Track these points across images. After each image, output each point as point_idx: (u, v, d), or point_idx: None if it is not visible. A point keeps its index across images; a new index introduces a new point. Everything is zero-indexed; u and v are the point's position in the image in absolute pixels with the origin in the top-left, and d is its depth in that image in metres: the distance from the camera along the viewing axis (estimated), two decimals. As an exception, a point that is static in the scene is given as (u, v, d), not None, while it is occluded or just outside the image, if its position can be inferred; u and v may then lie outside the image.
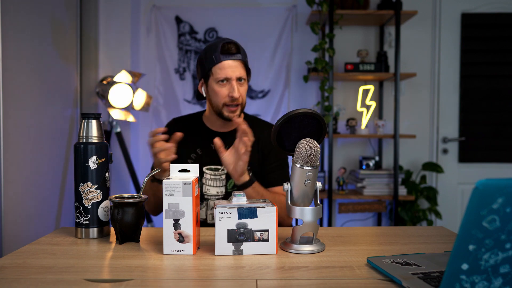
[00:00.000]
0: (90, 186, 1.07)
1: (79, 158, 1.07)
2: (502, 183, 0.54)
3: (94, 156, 1.06)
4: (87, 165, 1.06)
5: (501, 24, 3.08)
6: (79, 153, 1.07)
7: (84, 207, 1.07)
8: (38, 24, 2.19)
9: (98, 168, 1.07)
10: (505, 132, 3.10)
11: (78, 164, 1.07)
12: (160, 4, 3.09)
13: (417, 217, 2.88)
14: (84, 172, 1.06)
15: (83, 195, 1.07)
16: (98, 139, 1.09)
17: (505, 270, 0.58)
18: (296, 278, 0.82)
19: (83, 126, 1.08)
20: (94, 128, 1.08)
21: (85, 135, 1.07)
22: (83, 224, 1.08)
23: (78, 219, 1.08)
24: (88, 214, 1.07)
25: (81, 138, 1.08)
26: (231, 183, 1.42)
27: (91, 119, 1.08)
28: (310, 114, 1.01)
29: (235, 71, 1.35)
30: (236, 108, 1.39)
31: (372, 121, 3.07)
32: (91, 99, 2.83)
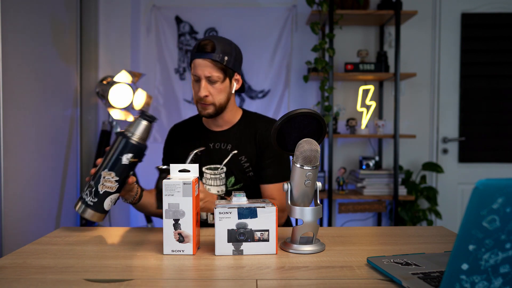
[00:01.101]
0: (112, 177, 1.08)
1: (117, 148, 1.08)
2: (502, 183, 0.54)
3: (130, 154, 1.08)
4: (120, 158, 1.07)
5: (501, 24, 3.08)
6: (119, 144, 1.08)
7: (97, 190, 1.08)
8: (38, 24, 2.19)
9: (128, 165, 1.09)
10: (505, 132, 3.10)
11: (113, 152, 1.08)
12: (160, 4, 3.09)
13: (417, 217, 2.88)
14: (114, 163, 1.08)
15: (102, 180, 1.08)
16: (141, 140, 1.10)
17: (505, 270, 0.58)
18: (296, 278, 0.82)
19: (135, 123, 1.10)
20: (143, 129, 1.10)
21: (133, 131, 1.09)
22: (87, 203, 1.09)
23: (85, 196, 1.09)
24: (97, 198, 1.09)
25: (128, 132, 1.09)
26: (230, 181, 1.43)
27: (145, 121, 1.10)
28: (310, 114, 1.01)
29: (204, 71, 1.35)
30: (206, 105, 1.39)
31: (372, 121, 3.07)
32: (91, 99, 2.83)
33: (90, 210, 1.09)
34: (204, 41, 1.35)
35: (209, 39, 1.36)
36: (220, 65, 1.35)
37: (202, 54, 1.35)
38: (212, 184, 1.43)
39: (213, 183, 1.43)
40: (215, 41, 1.35)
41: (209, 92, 1.37)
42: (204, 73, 1.35)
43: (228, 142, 1.45)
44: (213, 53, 1.34)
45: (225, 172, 1.43)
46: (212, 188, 1.43)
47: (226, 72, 1.38)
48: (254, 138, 1.44)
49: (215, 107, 1.40)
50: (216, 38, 1.37)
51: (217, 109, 1.40)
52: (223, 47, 1.36)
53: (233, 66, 1.39)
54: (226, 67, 1.37)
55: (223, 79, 1.38)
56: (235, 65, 1.40)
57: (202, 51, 1.35)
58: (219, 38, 1.38)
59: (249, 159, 1.43)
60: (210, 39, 1.36)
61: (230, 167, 1.42)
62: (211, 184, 1.43)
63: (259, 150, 1.44)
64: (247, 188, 1.43)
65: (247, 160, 1.43)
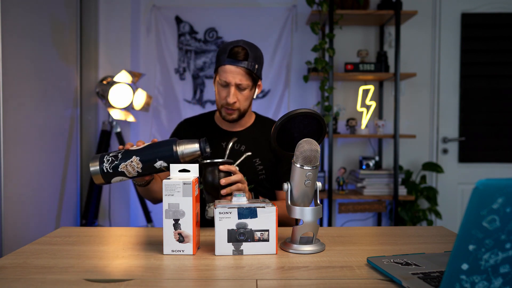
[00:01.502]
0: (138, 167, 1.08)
1: (162, 150, 1.08)
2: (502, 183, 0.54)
3: (165, 164, 1.08)
4: (157, 160, 1.08)
5: (501, 24, 3.08)
6: (166, 150, 1.08)
7: (117, 166, 1.08)
8: (38, 24, 2.19)
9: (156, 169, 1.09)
10: (505, 132, 3.10)
11: (155, 150, 1.09)
12: (160, 4, 3.09)
13: (417, 217, 2.88)
14: (149, 160, 1.08)
15: (128, 162, 1.08)
16: (182, 160, 1.10)
17: (505, 270, 0.58)
18: (296, 278, 0.82)
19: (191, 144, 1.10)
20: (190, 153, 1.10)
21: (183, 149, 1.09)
22: (102, 167, 1.09)
23: (105, 161, 1.09)
24: (112, 170, 1.09)
25: (180, 145, 1.09)
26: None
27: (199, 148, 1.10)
28: (310, 114, 1.01)
29: (235, 78, 1.35)
30: (232, 111, 1.41)
31: (372, 121, 3.07)
32: (91, 99, 2.83)
33: (100, 174, 1.09)
34: (237, 48, 1.35)
35: (241, 46, 1.36)
36: (251, 74, 1.36)
37: (234, 61, 1.34)
38: None
39: None
40: (248, 49, 1.35)
41: (237, 99, 1.39)
42: (235, 81, 1.36)
43: (241, 143, 1.46)
44: (246, 61, 1.34)
45: None
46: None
47: (255, 80, 1.39)
48: (270, 145, 1.46)
49: (240, 113, 1.42)
50: (247, 45, 1.37)
51: (241, 114, 1.43)
52: (255, 54, 1.37)
53: (260, 73, 1.40)
54: (256, 75, 1.38)
55: (252, 86, 1.40)
56: (261, 72, 1.42)
57: (234, 57, 1.34)
58: (249, 45, 1.38)
59: (263, 162, 1.44)
60: (242, 46, 1.36)
61: (242, 168, 1.42)
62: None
63: (276, 156, 1.46)
64: (257, 190, 1.45)
65: (261, 163, 1.44)
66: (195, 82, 3.12)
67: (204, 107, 3.12)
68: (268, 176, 1.45)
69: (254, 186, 1.44)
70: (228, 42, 1.40)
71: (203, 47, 3.10)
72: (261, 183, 1.45)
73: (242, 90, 1.38)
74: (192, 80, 3.12)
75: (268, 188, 1.48)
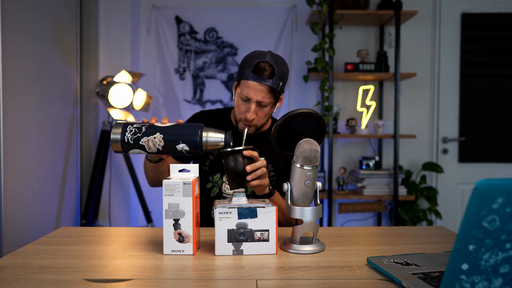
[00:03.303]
0: (159, 145, 1.09)
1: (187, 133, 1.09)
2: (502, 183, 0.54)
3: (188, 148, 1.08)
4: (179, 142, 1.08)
5: (501, 24, 3.08)
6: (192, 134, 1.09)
7: (138, 138, 1.08)
8: (38, 24, 2.19)
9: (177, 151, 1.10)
10: (505, 132, 3.10)
11: (181, 132, 1.09)
12: (160, 4, 3.09)
13: (417, 217, 2.88)
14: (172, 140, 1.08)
15: (150, 138, 1.08)
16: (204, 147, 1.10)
17: (505, 270, 0.58)
18: (296, 278, 0.82)
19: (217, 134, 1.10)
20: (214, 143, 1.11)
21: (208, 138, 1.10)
22: (124, 136, 1.09)
23: (128, 131, 1.09)
24: (133, 142, 1.09)
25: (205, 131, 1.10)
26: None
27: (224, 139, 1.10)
28: (310, 114, 1.01)
29: (257, 95, 1.30)
30: (250, 126, 1.38)
31: (372, 121, 3.07)
32: (91, 99, 2.83)
33: (120, 143, 1.09)
34: (264, 64, 1.28)
35: (268, 62, 1.29)
36: (275, 92, 1.32)
37: (259, 78, 1.28)
38: None
39: None
40: (274, 66, 1.29)
41: (256, 115, 1.35)
42: (257, 98, 1.31)
43: (256, 147, 1.43)
44: (271, 79, 1.29)
45: None
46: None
47: (277, 97, 1.35)
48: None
49: (256, 128, 1.41)
50: (274, 61, 1.30)
51: (258, 129, 1.42)
52: (281, 72, 1.30)
53: (283, 89, 1.36)
54: (279, 93, 1.34)
55: (274, 104, 1.36)
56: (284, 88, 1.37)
57: (259, 74, 1.28)
58: (276, 60, 1.31)
59: (275, 169, 1.43)
60: (269, 62, 1.29)
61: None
62: None
63: (288, 162, 1.44)
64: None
65: (273, 169, 1.42)
66: (195, 82, 3.12)
67: (204, 107, 3.12)
68: (279, 183, 1.44)
69: None
70: (254, 54, 1.32)
71: (203, 47, 3.10)
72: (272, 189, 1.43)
73: (263, 107, 1.34)
74: (192, 80, 3.12)
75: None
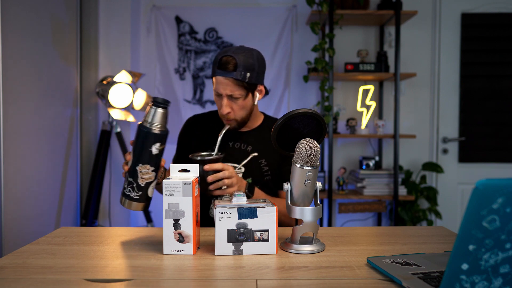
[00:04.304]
0: (148, 168, 1.08)
1: (143, 141, 1.08)
2: (502, 183, 0.54)
3: (158, 143, 1.08)
4: (150, 150, 1.08)
5: (501, 24, 3.08)
6: (144, 137, 1.08)
7: (138, 184, 1.09)
8: (38, 24, 2.19)
9: (159, 154, 1.09)
10: (505, 132, 3.10)
11: (140, 146, 1.08)
12: (160, 4, 3.09)
13: (417, 217, 2.88)
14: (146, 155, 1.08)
15: (140, 175, 1.08)
16: (163, 128, 1.10)
17: (505, 270, 0.58)
18: (296, 278, 0.82)
19: (152, 112, 1.09)
20: (162, 117, 1.09)
21: (152, 121, 1.09)
22: (132, 198, 1.09)
23: (129, 193, 1.09)
24: (140, 191, 1.09)
25: (147, 123, 1.09)
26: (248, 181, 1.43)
27: (161, 108, 1.09)
28: (310, 114, 1.01)
29: (225, 89, 1.33)
30: (229, 121, 1.40)
31: (372, 121, 3.07)
32: (91, 99, 2.83)
33: (137, 203, 1.10)
34: (226, 58, 1.31)
35: (231, 55, 1.31)
36: (242, 83, 1.32)
37: (223, 72, 1.31)
38: None
39: None
40: (237, 58, 1.30)
41: (231, 109, 1.36)
42: (226, 92, 1.33)
43: (248, 143, 1.45)
44: (235, 72, 1.30)
45: (243, 173, 1.42)
46: None
47: (249, 88, 1.35)
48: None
49: (237, 122, 1.41)
50: (237, 53, 1.32)
51: (239, 123, 1.41)
52: (246, 62, 1.31)
53: (256, 79, 1.35)
54: (249, 84, 1.34)
55: (245, 96, 1.36)
56: (258, 78, 1.36)
57: (223, 68, 1.31)
58: (241, 52, 1.32)
59: (269, 163, 1.43)
60: (231, 55, 1.31)
61: (248, 168, 1.42)
62: None
63: (281, 156, 1.44)
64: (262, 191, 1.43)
65: (267, 164, 1.43)
66: (195, 82, 3.12)
67: (204, 107, 3.12)
68: (273, 177, 1.44)
69: (259, 187, 1.43)
70: (222, 50, 1.36)
71: (203, 47, 3.10)
72: (266, 184, 1.44)
73: (235, 100, 1.35)
74: (192, 80, 3.12)
75: (273, 189, 1.46)
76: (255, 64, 1.34)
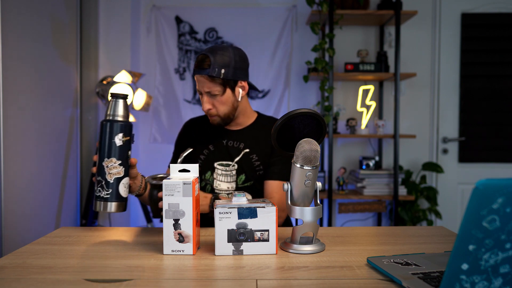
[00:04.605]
0: (114, 162, 1.08)
1: (105, 134, 1.08)
2: (502, 183, 0.54)
3: (121, 134, 1.08)
4: (113, 141, 1.08)
5: (501, 24, 3.08)
6: (106, 129, 1.08)
7: (107, 181, 1.08)
8: (38, 24, 2.19)
9: (123, 145, 1.09)
10: (505, 132, 3.10)
11: (104, 140, 1.08)
12: (160, 4, 3.09)
13: (417, 217, 2.88)
14: (110, 148, 1.08)
15: (107, 170, 1.08)
16: (124, 118, 1.10)
17: (505, 270, 0.58)
18: (296, 278, 0.82)
19: (112, 105, 1.10)
20: (121, 107, 1.10)
21: (113, 113, 1.09)
22: (103, 198, 1.08)
23: (99, 193, 1.09)
24: (110, 189, 1.08)
25: (109, 116, 1.10)
26: (241, 178, 1.45)
27: (119, 99, 1.10)
28: (310, 114, 1.01)
29: (203, 86, 1.39)
30: (212, 117, 1.44)
31: (372, 121, 3.07)
32: (91, 99, 2.83)
33: (110, 202, 1.09)
34: (201, 56, 1.37)
35: (205, 53, 1.37)
36: (218, 80, 1.37)
37: (199, 70, 1.38)
38: (223, 180, 1.45)
39: (224, 179, 1.45)
40: (210, 55, 1.36)
41: (212, 105, 1.42)
42: (204, 89, 1.40)
43: (241, 141, 1.48)
44: (209, 69, 1.35)
45: (236, 170, 1.45)
46: (223, 184, 1.45)
47: (226, 84, 1.39)
48: (268, 139, 1.46)
49: (221, 118, 1.44)
50: (213, 51, 1.37)
51: (223, 119, 1.45)
52: (220, 59, 1.36)
53: (233, 76, 1.39)
54: (225, 80, 1.38)
55: (223, 91, 1.40)
56: (235, 74, 1.39)
57: (199, 67, 1.37)
58: (216, 50, 1.37)
59: (260, 158, 1.45)
60: (206, 53, 1.37)
61: (241, 165, 1.45)
62: (222, 180, 1.46)
63: (271, 150, 1.46)
64: (256, 187, 1.45)
65: (258, 159, 1.45)
66: (195, 82, 3.11)
67: (204, 107, 3.12)
68: (265, 170, 1.46)
69: (252, 183, 1.44)
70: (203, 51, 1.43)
71: (203, 47, 3.10)
72: (259, 179, 1.46)
73: (214, 96, 1.40)
74: (192, 80, 3.11)
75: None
76: (231, 60, 1.38)
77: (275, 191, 1.41)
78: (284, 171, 1.43)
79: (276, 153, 1.45)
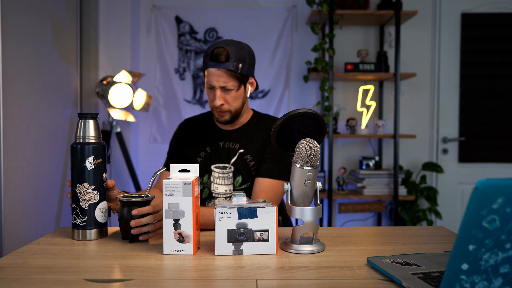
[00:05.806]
0: (87, 187, 1.05)
1: (76, 158, 1.05)
2: (502, 183, 0.54)
3: (91, 157, 1.04)
4: (84, 165, 1.04)
5: (501, 24, 3.08)
6: (76, 153, 1.05)
7: (81, 208, 1.05)
8: (38, 24, 2.19)
9: (95, 168, 1.06)
10: (505, 132, 3.10)
11: (74, 164, 1.05)
12: (160, 4, 3.09)
13: (417, 217, 2.88)
14: (81, 173, 1.05)
15: (80, 196, 1.05)
16: (96, 139, 1.07)
17: (505, 270, 0.58)
18: (296, 278, 0.82)
19: (80, 126, 1.06)
20: (91, 128, 1.06)
21: (82, 135, 1.06)
22: (79, 226, 1.06)
23: (74, 221, 1.06)
24: (85, 216, 1.06)
25: (78, 138, 1.06)
26: (238, 181, 1.43)
27: (88, 119, 1.06)
28: (310, 114, 1.01)
29: (218, 81, 1.33)
30: (223, 113, 1.40)
31: (372, 121, 3.07)
32: (91, 99, 2.83)
33: (89, 230, 1.06)
34: (218, 49, 1.32)
35: (222, 46, 1.32)
36: (235, 74, 1.33)
37: (216, 63, 1.31)
38: (220, 183, 1.44)
39: (221, 182, 1.44)
40: (228, 49, 1.31)
41: (224, 101, 1.37)
42: (219, 83, 1.33)
43: (236, 141, 1.45)
44: (228, 62, 1.31)
45: (233, 172, 1.43)
46: (220, 187, 1.44)
47: (241, 80, 1.36)
48: (261, 137, 1.45)
49: (231, 114, 1.40)
50: (229, 45, 1.33)
51: (233, 115, 1.41)
52: (237, 53, 1.33)
53: (248, 71, 1.37)
54: (241, 75, 1.35)
55: (238, 87, 1.37)
56: (249, 70, 1.38)
57: (216, 60, 1.31)
58: (232, 44, 1.34)
59: (254, 157, 1.43)
60: (223, 46, 1.32)
61: (237, 166, 1.43)
62: (219, 183, 1.44)
63: (263, 147, 1.44)
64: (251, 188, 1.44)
65: (252, 158, 1.43)
66: (195, 82, 3.12)
67: (204, 107, 3.12)
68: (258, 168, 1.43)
69: (249, 184, 1.43)
70: (212, 44, 1.37)
71: (203, 47, 3.10)
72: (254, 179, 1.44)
73: (228, 91, 1.36)
74: (192, 80, 3.12)
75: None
76: (246, 55, 1.36)
77: (262, 189, 1.37)
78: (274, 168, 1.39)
79: (267, 151, 1.42)
